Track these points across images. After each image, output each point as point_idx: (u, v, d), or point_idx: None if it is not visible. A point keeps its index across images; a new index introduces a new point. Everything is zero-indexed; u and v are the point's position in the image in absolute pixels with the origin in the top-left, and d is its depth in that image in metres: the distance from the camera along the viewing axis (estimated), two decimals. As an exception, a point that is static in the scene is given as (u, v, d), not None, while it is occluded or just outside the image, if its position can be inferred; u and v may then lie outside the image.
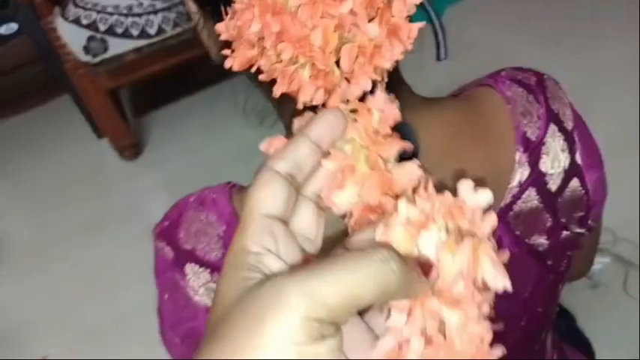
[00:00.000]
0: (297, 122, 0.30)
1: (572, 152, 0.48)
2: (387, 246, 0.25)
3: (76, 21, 1.51)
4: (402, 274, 0.23)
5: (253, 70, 0.36)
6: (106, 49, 1.55)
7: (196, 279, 0.44)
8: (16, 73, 2.13)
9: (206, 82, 1.99)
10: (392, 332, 0.25)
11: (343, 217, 0.29)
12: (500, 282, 0.27)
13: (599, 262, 1.25)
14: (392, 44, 0.33)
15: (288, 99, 0.33)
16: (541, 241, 0.49)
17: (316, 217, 0.27)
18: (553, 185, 0.48)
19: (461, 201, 0.28)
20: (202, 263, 0.44)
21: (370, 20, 0.31)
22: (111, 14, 1.52)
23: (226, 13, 0.34)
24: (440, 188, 0.29)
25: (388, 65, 0.33)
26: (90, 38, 1.52)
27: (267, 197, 0.25)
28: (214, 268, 0.44)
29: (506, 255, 0.27)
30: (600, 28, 2.03)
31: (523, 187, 0.47)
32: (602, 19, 2.07)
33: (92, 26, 1.51)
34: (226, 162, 1.71)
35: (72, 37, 1.51)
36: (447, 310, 0.25)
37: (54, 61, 1.69)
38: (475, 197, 0.29)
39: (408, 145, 0.29)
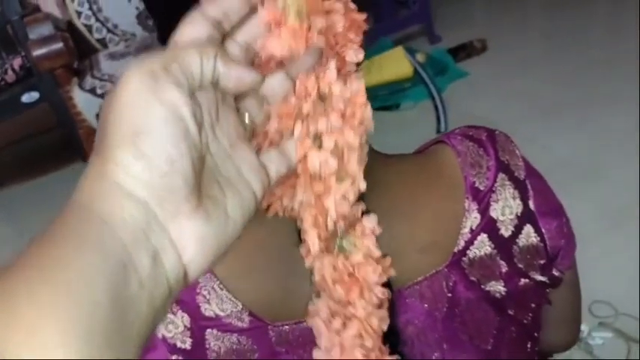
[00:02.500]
0: None
1: (524, 199, 0.50)
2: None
3: (92, 90, 1.61)
4: (219, 49, 0.28)
5: None
6: (117, 117, 1.63)
7: None
8: (36, 140, 2.24)
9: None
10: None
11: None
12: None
13: (601, 337, 1.21)
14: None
15: None
16: (498, 287, 0.49)
17: (242, 59, 0.30)
18: (506, 231, 0.49)
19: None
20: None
21: None
22: (124, 84, 1.62)
23: None
24: None
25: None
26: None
27: (186, 33, 0.28)
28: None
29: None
30: (599, 99, 2.08)
31: (474, 233, 0.48)
32: (600, 90, 2.13)
33: (106, 95, 1.60)
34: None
35: (86, 105, 1.61)
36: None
37: (70, 128, 1.78)
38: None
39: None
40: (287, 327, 0.46)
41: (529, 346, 0.55)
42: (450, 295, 0.48)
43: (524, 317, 0.52)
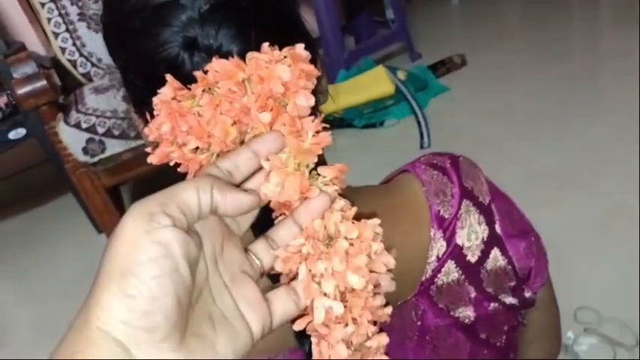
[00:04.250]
0: (247, 138, 0.36)
1: (490, 224, 0.51)
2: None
3: (77, 125, 1.62)
4: (214, 179, 0.30)
5: (171, 163, 0.42)
6: (103, 150, 1.65)
7: None
8: (25, 175, 2.25)
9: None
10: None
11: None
12: None
13: (586, 342, 1.23)
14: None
15: None
16: (467, 313, 0.51)
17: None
18: (472, 257, 0.50)
19: None
20: None
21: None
22: (109, 118, 1.64)
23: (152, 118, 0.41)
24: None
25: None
26: (89, 140, 1.62)
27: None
28: None
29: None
30: (578, 109, 2.11)
31: (442, 260, 0.49)
32: (578, 101, 2.16)
33: (91, 129, 1.62)
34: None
35: (72, 139, 1.62)
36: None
37: (59, 162, 1.80)
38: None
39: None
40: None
41: (505, 369, 0.57)
42: (419, 323, 0.49)
43: (497, 340, 0.53)
